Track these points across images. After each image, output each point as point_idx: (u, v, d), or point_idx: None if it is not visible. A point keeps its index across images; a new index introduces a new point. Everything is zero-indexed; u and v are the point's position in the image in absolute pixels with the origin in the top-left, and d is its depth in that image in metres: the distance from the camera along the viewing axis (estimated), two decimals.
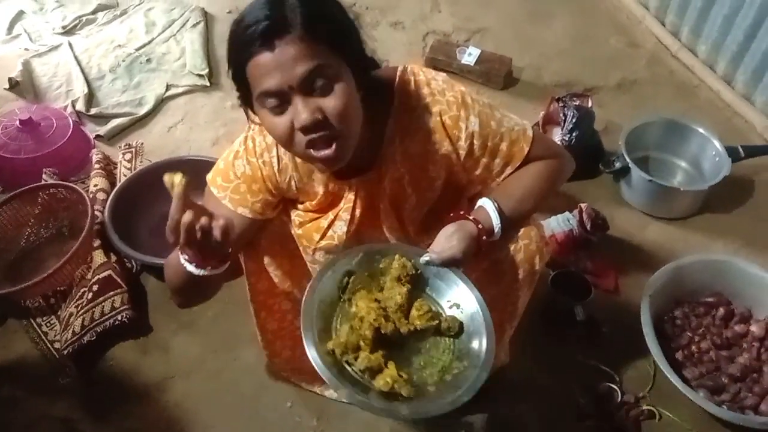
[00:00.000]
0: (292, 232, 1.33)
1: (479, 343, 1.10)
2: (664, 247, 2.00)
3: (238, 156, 1.22)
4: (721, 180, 1.99)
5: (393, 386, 1.02)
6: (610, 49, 2.74)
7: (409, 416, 1.03)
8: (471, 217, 1.20)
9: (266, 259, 1.35)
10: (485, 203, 1.22)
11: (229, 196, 1.21)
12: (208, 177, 1.25)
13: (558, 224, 1.94)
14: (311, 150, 1.03)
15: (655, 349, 1.59)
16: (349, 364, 1.07)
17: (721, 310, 1.74)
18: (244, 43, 0.97)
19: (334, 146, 1.03)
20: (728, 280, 1.78)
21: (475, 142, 1.20)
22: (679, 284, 1.77)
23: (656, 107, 2.38)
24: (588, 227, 1.91)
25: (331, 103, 1.00)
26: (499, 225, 1.20)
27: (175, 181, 0.91)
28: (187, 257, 1.02)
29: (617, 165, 2.08)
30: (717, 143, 2.09)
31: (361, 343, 1.07)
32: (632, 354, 1.71)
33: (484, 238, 1.19)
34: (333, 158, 1.04)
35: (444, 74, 1.22)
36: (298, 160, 1.20)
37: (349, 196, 1.24)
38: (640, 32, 2.80)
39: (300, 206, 1.31)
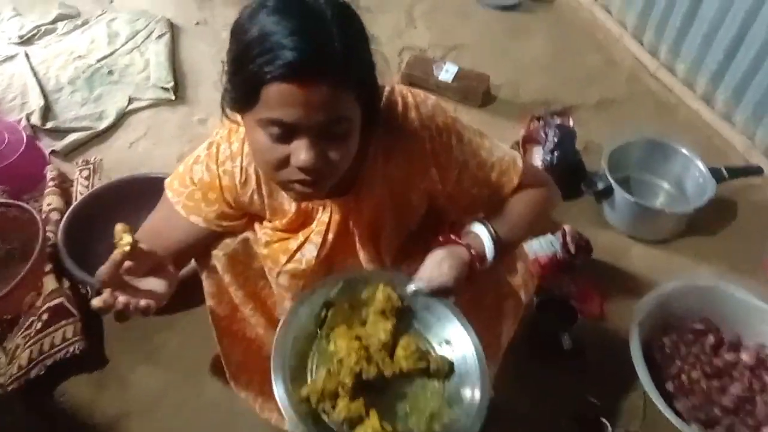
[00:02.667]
0: (257, 250, 1.22)
1: (472, 387, 0.99)
2: (649, 270, 1.94)
3: (199, 161, 1.12)
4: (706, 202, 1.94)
5: None
6: (588, 67, 2.70)
7: None
8: (463, 242, 1.11)
9: (227, 278, 1.23)
10: (478, 228, 1.14)
11: (183, 202, 1.12)
12: (167, 180, 1.16)
13: (541, 247, 1.87)
14: (296, 185, 0.94)
15: (647, 381, 1.50)
16: (326, 413, 0.96)
17: (711, 338, 1.67)
18: (266, 61, 0.82)
19: (316, 186, 0.95)
20: (716, 306, 1.72)
21: (463, 171, 1.13)
22: (666, 311, 1.70)
23: (636, 126, 2.33)
24: (572, 250, 1.84)
25: (337, 153, 0.91)
26: (493, 251, 1.11)
27: (122, 241, 0.86)
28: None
29: (600, 186, 2.02)
30: (700, 164, 2.04)
31: (340, 390, 0.96)
32: (621, 384, 1.63)
33: (477, 265, 1.10)
34: (310, 195, 0.98)
35: (435, 98, 1.13)
36: None
37: (323, 218, 1.15)
38: (617, 50, 2.77)
39: (268, 224, 1.20)
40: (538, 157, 2.09)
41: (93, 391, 1.63)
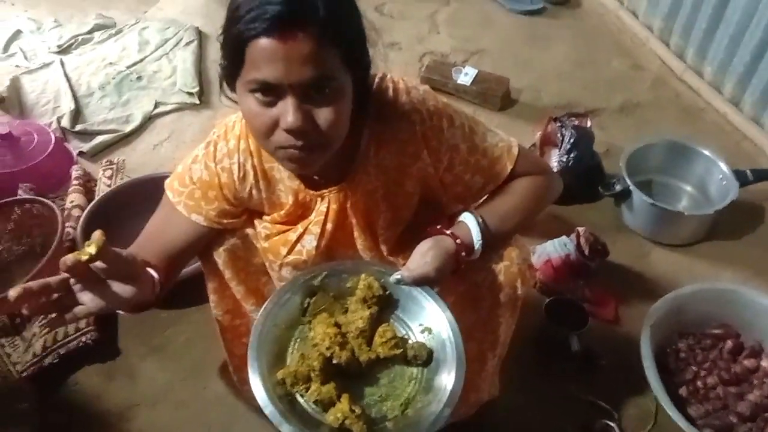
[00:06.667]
0: (258, 245, 1.23)
1: (448, 374, 0.98)
2: (668, 275, 1.88)
3: (197, 160, 1.14)
4: (728, 204, 1.88)
5: (344, 422, 0.90)
6: (612, 71, 2.66)
7: None
8: (448, 232, 1.10)
9: (227, 274, 1.25)
10: (467, 218, 1.13)
11: (184, 202, 1.13)
12: (167, 181, 1.17)
13: (554, 249, 1.83)
14: (286, 151, 0.94)
15: (656, 384, 1.45)
16: (302, 396, 0.96)
17: (729, 343, 1.61)
18: (252, 18, 0.85)
19: (309, 154, 0.95)
20: (737, 311, 1.65)
21: (455, 156, 1.12)
22: (683, 314, 1.64)
23: (660, 130, 2.28)
24: (586, 252, 1.79)
25: (325, 115, 0.91)
26: (480, 242, 1.10)
27: (86, 248, 0.79)
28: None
29: (617, 188, 1.97)
30: (723, 166, 1.98)
31: (312, 374, 0.96)
32: (632, 389, 1.58)
33: (463, 254, 1.09)
34: (304, 164, 0.97)
35: (427, 86, 1.14)
36: (266, 165, 1.12)
37: (321, 209, 1.15)
38: (644, 54, 2.72)
39: (267, 218, 1.21)
40: (555, 159, 2.05)
41: (103, 381, 1.66)
